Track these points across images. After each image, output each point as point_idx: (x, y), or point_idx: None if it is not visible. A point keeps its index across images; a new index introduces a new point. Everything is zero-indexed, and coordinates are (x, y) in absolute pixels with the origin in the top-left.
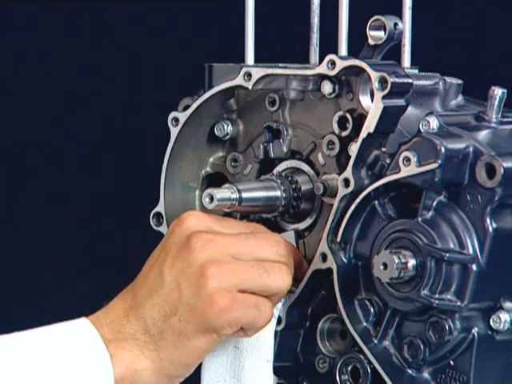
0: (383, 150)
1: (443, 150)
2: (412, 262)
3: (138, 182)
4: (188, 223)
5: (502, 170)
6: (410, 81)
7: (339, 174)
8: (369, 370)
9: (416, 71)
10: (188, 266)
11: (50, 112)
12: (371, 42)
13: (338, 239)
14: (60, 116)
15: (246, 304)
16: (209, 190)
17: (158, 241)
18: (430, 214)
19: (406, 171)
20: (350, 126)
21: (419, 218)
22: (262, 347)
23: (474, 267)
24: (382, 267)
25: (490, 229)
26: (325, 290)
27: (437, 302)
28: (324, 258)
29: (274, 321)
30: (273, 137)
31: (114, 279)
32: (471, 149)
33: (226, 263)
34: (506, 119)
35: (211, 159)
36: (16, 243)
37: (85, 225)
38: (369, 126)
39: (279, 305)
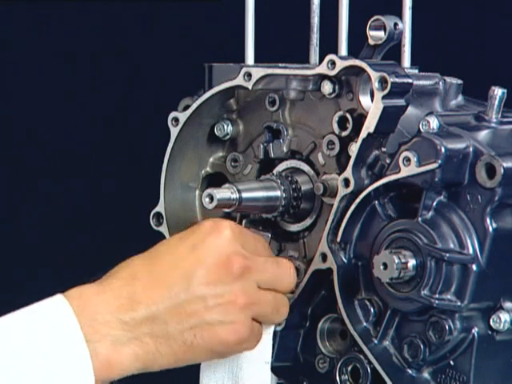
0: (383, 149)
1: (443, 149)
2: (412, 262)
3: (138, 182)
4: (225, 237)
5: (502, 170)
6: (409, 81)
7: (339, 174)
8: (369, 370)
9: (416, 71)
10: (221, 287)
11: (50, 112)
12: (371, 41)
13: (338, 239)
14: (60, 116)
15: (256, 335)
16: (209, 190)
17: (158, 241)
18: (430, 214)
19: (405, 171)
20: (349, 125)
21: (419, 218)
22: (260, 349)
23: (474, 267)
24: (382, 267)
25: (490, 229)
26: (325, 290)
27: (437, 302)
28: (324, 257)
29: None
30: (273, 137)
31: None
32: (471, 149)
33: (254, 295)
34: (506, 119)
35: (211, 159)
36: (16, 243)
37: (85, 225)
38: (369, 125)
39: None
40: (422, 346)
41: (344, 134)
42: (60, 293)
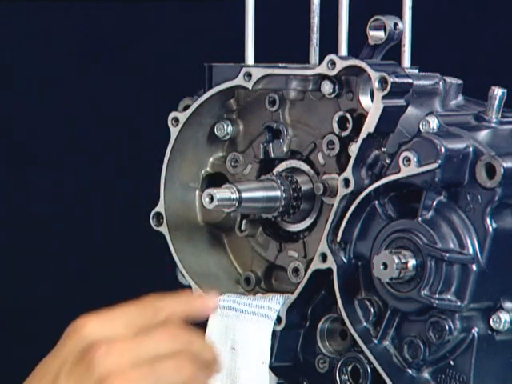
0: (383, 149)
1: (443, 149)
2: (412, 262)
3: (138, 182)
4: (84, 331)
5: (502, 170)
6: (409, 81)
7: (339, 174)
8: (369, 370)
9: (416, 71)
10: (87, 377)
11: (50, 112)
12: (371, 42)
13: (338, 239)
14: (60, 116)
15: None
16: (209, 190)
17: (158, 241)
18: (430, 214)
19: (405, 171)
20: (349, 126)
21: (419, 218)
22: (257, 349)
23: (474, 267)
24: (382, 267)
25: (490, 229)
26: (325, 290)
27: (437, 301)
28: (324, 258)
29: (271, 322)
30: (273, 137)
31: (113, 279)
32: (471, 149)
33: (123, 373)
34: (506, 119)
35: (211, 159)
36: (16, 242)
37: (84, 225)
38: (369, 126)
39: (279, 303)
40: (422, 346)
41: (344, 134)
42: None
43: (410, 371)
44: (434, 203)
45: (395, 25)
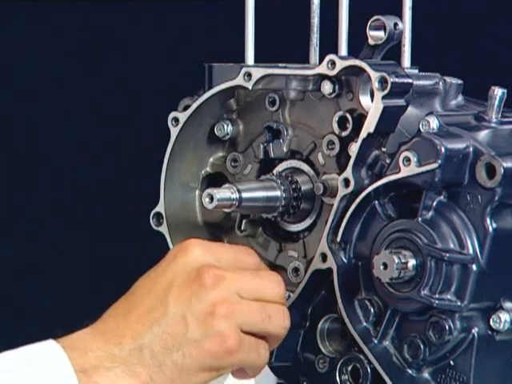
0: (383, 149)
1: (443, 149)
2: (412, 262)
3: (138, 182)
4: (193, 254)
5: (502, 170)
6: (409, 81)
7: (339, 174)
8: (369, 370)
9: (416, 71)
10: (197, 301)
11: (50, 113)
12: (371, 41)
13: (338, 239)
14: (60, 116)
15: (250, 346)
16: (209, 190)
17: (158, 241)
18: (430, 214)
19: (406, 171)
20: (349, 126)
21: (419, 218)
22: None
23: (474, 267)
24: (382, 267)
25: (490, 229)
26: (325, 290)
27: (437, 301)
28: (324, 258)
29: None
30: (273, 137)
31: (114, 279)
32: (471, 149)
33: (235, 303)
34: (506, 119)
35: (211, 159)
36: (16, 242)
37: (84, 225)
38: (369, 126)
39: None
40: (422, 346)
41: (344, 133)
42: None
43: (410, 371)
44: (434, 203)
45: (395, 25)
